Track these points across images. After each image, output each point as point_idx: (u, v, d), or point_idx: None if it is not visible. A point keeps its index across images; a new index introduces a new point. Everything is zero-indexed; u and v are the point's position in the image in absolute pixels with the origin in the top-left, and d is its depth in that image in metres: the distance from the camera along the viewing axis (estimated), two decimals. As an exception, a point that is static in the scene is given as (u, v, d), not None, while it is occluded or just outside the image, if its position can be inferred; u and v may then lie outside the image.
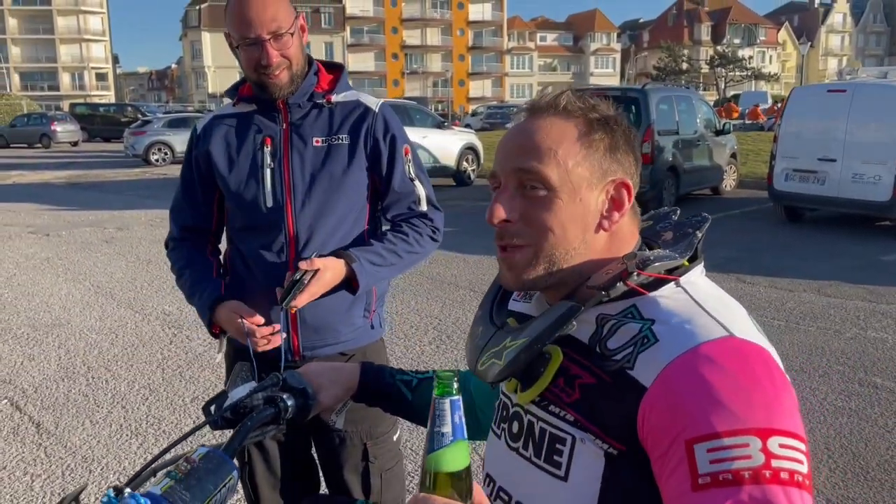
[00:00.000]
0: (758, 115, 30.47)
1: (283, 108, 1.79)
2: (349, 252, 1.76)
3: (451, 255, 7.92)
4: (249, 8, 1.66)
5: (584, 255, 0.98)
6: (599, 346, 0.92)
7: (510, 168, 0.97)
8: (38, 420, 3.90)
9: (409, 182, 1.88)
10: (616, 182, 0.98)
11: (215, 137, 1.84)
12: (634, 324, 0.91)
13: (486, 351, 1.04)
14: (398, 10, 79.91)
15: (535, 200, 0.96)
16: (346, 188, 1.81)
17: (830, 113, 8.99)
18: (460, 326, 5.44)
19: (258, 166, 1.79)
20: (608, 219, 0.98)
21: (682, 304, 0.91)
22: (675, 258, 0.95)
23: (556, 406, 0.94)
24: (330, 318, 1.81)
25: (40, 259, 8.09)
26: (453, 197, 13.19)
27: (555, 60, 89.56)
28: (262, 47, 1.67)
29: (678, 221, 1.08)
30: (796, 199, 9.47)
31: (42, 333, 5.40)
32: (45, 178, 17.98)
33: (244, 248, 1.84)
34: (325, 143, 1.79)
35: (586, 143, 0.96)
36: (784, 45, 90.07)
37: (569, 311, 0.94)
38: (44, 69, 73.66)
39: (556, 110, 0.98)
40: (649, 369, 0.85)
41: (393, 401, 1.30)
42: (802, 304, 5.96)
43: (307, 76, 1.80)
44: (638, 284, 0.93)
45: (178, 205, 1.94)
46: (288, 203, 1.78)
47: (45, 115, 33.92)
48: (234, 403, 1.17)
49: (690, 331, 0.86)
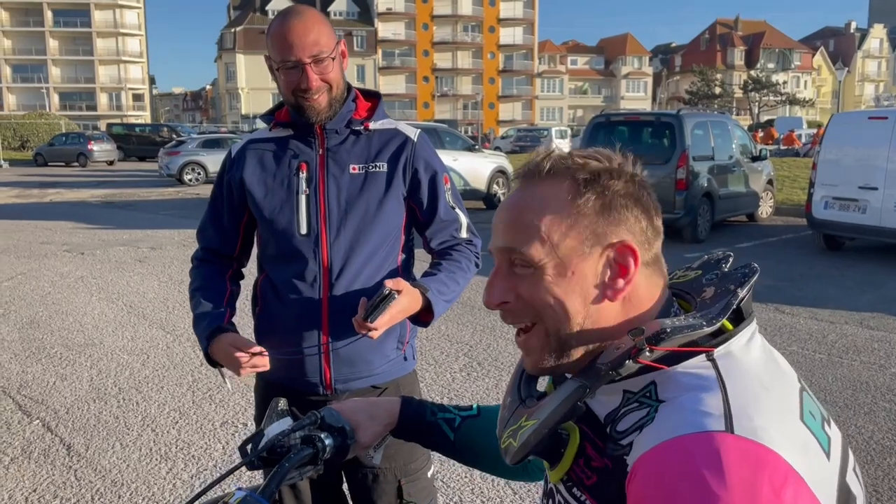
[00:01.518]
0: (793, 140, 30.09)
1: (320, 134, 1.77)
2: (421, 282, 1.73)
3: (482, 280, 7.75)
4: (291, 31, 1.64)
5: (598, 327, 0.87)
6: (610, 428, 0.84)
7: (497, 247, 0.92)
8: (69, 442, 3.89)
9: (452, 210, 1.87)
10: (615, 246, 0.87)
11: (249, 162, 1.81)
12: (648, 405, 0.81)
13: (508, 427, 0.96)
14: (430, 34, 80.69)
15: (526, 278, 0.89)
16: (381, 217, 1.77)
17: (871, 140, 8.79)
18: (491, 353, 5.36)
19: (293, 192, 1.76)
20: (611, 287, 0.87)
21: (699, 384, 0.79)
22: (699, 327, 0.81)
23: (578, 489, 0.88)
24: (364, 350, 1.77)
25: (75, 278, 8.18)
26: (483, 220, 13.12)
27: (585, 84, 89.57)
28: (303, 71, 1.66)
29: (724, 274, 0.94)
30: (836, 228, 9.25)
31: (75, 353, 5.43)
32: (82, 196, 18.30)
33: (276, 276, 1.80)
34: (362, 171, 1.77)
35: (573, 209, 0.86)
36: (819, 69, 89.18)
37: (576, 392, 0.85)
38: (82, 89, 75.43)
39: (541, 176, 0.90)
40: (635, 454, 0.78)
41: (434, 439, 1.23)
42: (845, 336, 5.78)
43: (345, 102, 1.77)
44: (659, 356, 0.81)
45: (205, 226, 1.92)
46: (322, 231, 1.75)
47: (82, 135, 34.62)
48: (270, 443, 1.13)
49: (683, 418, 0.75)
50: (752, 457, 0.70)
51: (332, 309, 1.76)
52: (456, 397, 4.50)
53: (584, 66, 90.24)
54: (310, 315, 1.73)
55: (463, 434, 1.22)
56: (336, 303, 1.75)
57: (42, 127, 41.69)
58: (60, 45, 74.53)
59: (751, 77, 64.22)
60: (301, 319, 1.74)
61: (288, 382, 1.81)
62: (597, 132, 11.33)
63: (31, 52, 72.79)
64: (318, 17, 1.69)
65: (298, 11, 1.68)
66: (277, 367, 1.77)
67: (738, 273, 0.91)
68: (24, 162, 34.11)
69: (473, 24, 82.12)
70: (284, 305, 1.78)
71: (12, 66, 72.71)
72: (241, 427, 4.05)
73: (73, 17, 73.94)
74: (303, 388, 1.79)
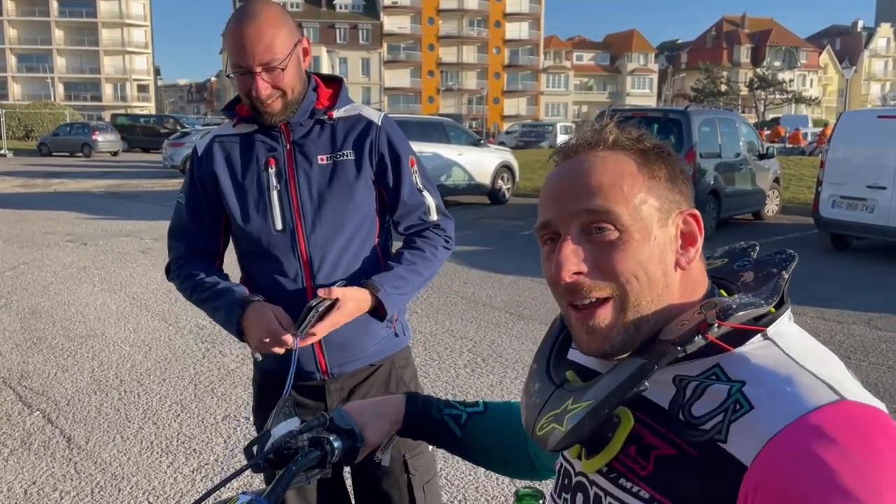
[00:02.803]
0: (799, 139, 29.98)
1: (285, 128, 1.75)
2: (371, 281, 1.72)
3: (487, 275, 7.81)
4: (243, 37, 1.60)
5: (668, 300, 0.85)
6: (682, 413, 0.79)
7: (570, 212, 0.85)
8: (69, 434, 3.85)
9: (418, 193, 1.86)
10: (684, 214, 0.87)
11: (218, 159, 1.78)
12: (720, 385, 0.78)
13: (544, 413, 0.90)
14: (435, 28, 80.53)
15: (605, 245, 0.83)
16: (354, 204, 1.78)
17: (881, 139, 8.72)
18: (496, 349, 5.32)
19: (264, 189, 1.74)
20: (684, 255, 0.86)
21: (775, 361, 0.77)
22: (761, 305, 0.81)
23: (627, 480, 0.82)
24: (353, 333, 1.77)
25: (77, 268, 8.15)
26: (488, 216, 13.11)
27: (591, 80, 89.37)
28: (253, 79, 1.62)
29: (759, 259, 0.94)
30: (843, 227, 9.19)
31: (77, 344, 5.39)
32: (86, 186, 18.29)
33: (257, 273, 1.79)
34: (330, 161, 1.76)
35: (647, 174, 0.86)
36: (825, 68, 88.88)
37: (640, 370, 0.80)
38: (87, 80, 75.40)
39: (605, 145, 0.87)
40: (747, 443, 0.72)
41: (440, 436, 1.19)
42: (852, 336, 5.73)
43: (306, 94, 1.75)
44: (719, 337, 0.79)
45: (184, 227, 1.85)
46: (298, 225, 1.74)
47: (87, 125, 34.67)
48: (277, 445, 1.09)
49: (792, 395, 0.73)
50: (873, 417, 0.72)
51: None
52: (460, 393, 4.46)
53: (589, 62, 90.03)
54: (295, 308, 1.69)
55: (470, 431, 1.19)
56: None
57: (47, 117, 41.73)
58: (66, 36, 74.50)
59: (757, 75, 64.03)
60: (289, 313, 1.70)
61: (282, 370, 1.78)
62: (603, 128, 11.28)
63: (37, 42, 72.78)
64: (274, 20, 1.62)
65: (252, 13, 1.62)
66: (273, 360, 1.76)
67: (776, 258, 0.91)
68: (28, 152, 34.12)
69: (479, 18, 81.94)
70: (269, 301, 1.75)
71: (17, 55, 72.72)
72: (243, 421, 4.01)
73: (78, 8, 73.89)
74: (300, 376, 1.78)
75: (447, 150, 13.82)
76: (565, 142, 0.92)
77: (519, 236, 10.87)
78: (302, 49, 1.70)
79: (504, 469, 1.25)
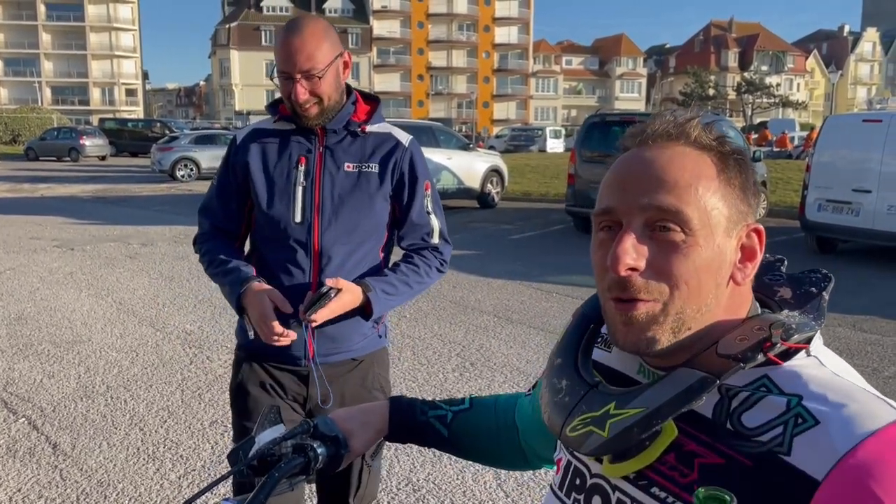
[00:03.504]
0: (786, 142, 30.18)
1: (321, 132, 1.91)
2: (366, 281, 1.87)
3: (475, 279, 7.82)
4: (288, 44, 1.77)
5: (714, 313, 0.82)
6: (731, 423, 0.77)
7: (638, 204, 0.80)
8: (55, 441, 3.83)
9: (426, 215, 2.02)
10: (749, 228, 0.84)
11: (253, 150, 1.94)
12: (776, 398, 0.76)
13: (576, 414, 0.86)
14: (425, 32, 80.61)
15: (668, 245, 0.79)
16: (370, 212, 1.92)
17: (865, 143, 8.79)
18: (484, 354, 5.33)
19: (291, 183, 1.89)
20: (742, 270, 0.83)
21: (827, 379, 0.77)
22: (814, 329, 0.81)
23: (661, 489, 0.79)
24: (344, 328, 1.91)
25: (64, 273, 8.10)
26: (477, 219, 13.12)
27: (580, 84, 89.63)
28: (293, 83, 1.79)
29: (793, 276, 0.92)
30: (829, 230, 9.25)
31: (63, 350, 5.36)
32: (73, 191, 18.18)
33: (270, 257, 1.93)
34: (356, 169, 1.91)
35: (724, 180, 0.82)
36: (812, 72, 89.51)
37: (700, 384, 0.78)
38: (75, 84, 74.97)
39: (687, 140, 0.83)
40: (817, 457, 0.71)
41: (428, 438, 1.19)
42: (838, 339, 5.77)
43: (345, 105, 1.91)
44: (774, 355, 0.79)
45: (212, 206, 2.01)
46: (315, 220, 1.88)
47: (74, 129, 34.41)
48: (261, 451, 1.09)
49: (859, 412, 0.72)
50: None
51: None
52: (448, 397, 4.46)
53: (578, 67, 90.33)
54: (298, 295, 1.83)
55: (456, 429, 1.19)
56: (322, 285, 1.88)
57: (34, 121, 41.42)
58: (53, 40, 74.09)
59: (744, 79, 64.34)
60: (291, 297, 1.84)
61: (270, 352, 1.91)
62: (592, 132, 11.32)
63: (24, 46, 72.32)
64: (318, 33, 1.79)
65: (299, 27, 1.79)
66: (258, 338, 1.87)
67: (812, 277, 0.90)
68: (15, 156, 33.87)
69: (468, 23, 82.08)
70: (273, 283, 1.88)
71: (4, 59, 72.23)
72: (230, 427, 3.98)
73: (66, 12, 73.54)
74: (285, 360, 1.93)
75: (437, 154, 13.82)
76: (641, 127, 0.86)
77: (508, 240, 10.89)
78: (342, 62, 1.87)
79: (495, 462, 1.24)
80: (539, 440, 1.14)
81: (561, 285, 7.54)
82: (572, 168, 11.47)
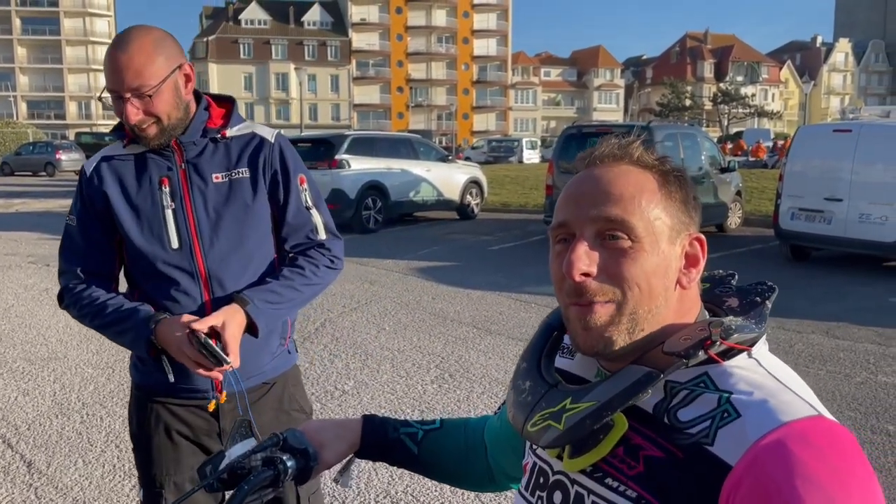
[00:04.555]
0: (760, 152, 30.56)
1: (177, 147, 1.75)
2: (242, 296, 1.71)
3: (454, 291, 7.84)
4: (115, 60, 1.60)
5: (664, 315, 0.90)
6: (668, 417, 0.85)
7: (588, 216, 0.89)
8: (29, 459, 3.79)
9: (306, 211, 1.86)
10: (692, 237, 0.93)
11: (108, 179, 1.76)
12: (710, 395, 0.84)
13: (537, 410, 0.94)
14: (404, 44, 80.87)
15: (617, 252, 0.88)
16: (252, 221, 1.79)
17: (836, 153, 8.95)
18: (463, 365, 5.35)
19: (158, 208, 1.73)
20: (686, 275, 0.91)
21: (759, 378, 0.84)
22: (754, 330, 0.88)
23: (614, 479, 0.86)
24: (252, 351, 1.76)
25: (39, 290, 8.02)
26: (456, 231, 13.16)
27: (559, 95, 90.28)
28: (123, 104, 1.62)
29: (741, 287, 1.01)
30: (802, 239, 9.39)
31: (38, 367, 5.31)
32: (49, 206, 17.99)
33: (153, 291, 1.76)
34: (225, 179, 1.77)
35: (665, 194, 0.91)
36: (786, 83, 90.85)
37: (646, 377, 0.85)
38: (51, 98, 74.36)
39: (630, 160, 0.92)
40: (733, 446, 0.78)
41: (398, 455, 1.22)
42: (811, 346, 5.86)
43: (196, 114, 1.76)
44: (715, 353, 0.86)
45: (76, 249, 1.80)
46: (195, 242, 1.74)
47: (50, 144, 34.13)
48: (230, 464, 1.11)
49: (776, 407, 0.80)
50: (845, 435, 0.79)
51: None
52: (427, 409, 4.48)
53: (557, 78, 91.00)
54: None
55: (426, 447, 1.22)
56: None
57: (9, 136, 40.95)
58: (29, 53, 73.47)
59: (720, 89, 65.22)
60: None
61: (170, 390, 1.77)
62: (569, 143, 11.43)
63: (-1, 60, 71.66)
64: (147, 47, 1.62)
65: (126, 40, 1.62)
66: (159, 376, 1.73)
67: (758, 288, 0.98)
68: (-11, 171, 33.47)
69: (447, 35, 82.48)
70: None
71: (-21, 74, 71.48)
72: (207, 442, 3.98)
73: (41, 25, 73.02)
74: (190, 395, 1.77)
75: (415, 166, 13.88)
76: (590, 151, 0.96)
77: (487, 251, 10.93)
78: (183, 75, 1.70)
79: (463, 483, 1.28)
80: (507, 457, 1.18)
81: (540, 295, 7.59)
82: (550, 179, 11.56)
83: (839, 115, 11.42)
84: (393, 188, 13.21)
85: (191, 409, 1.79)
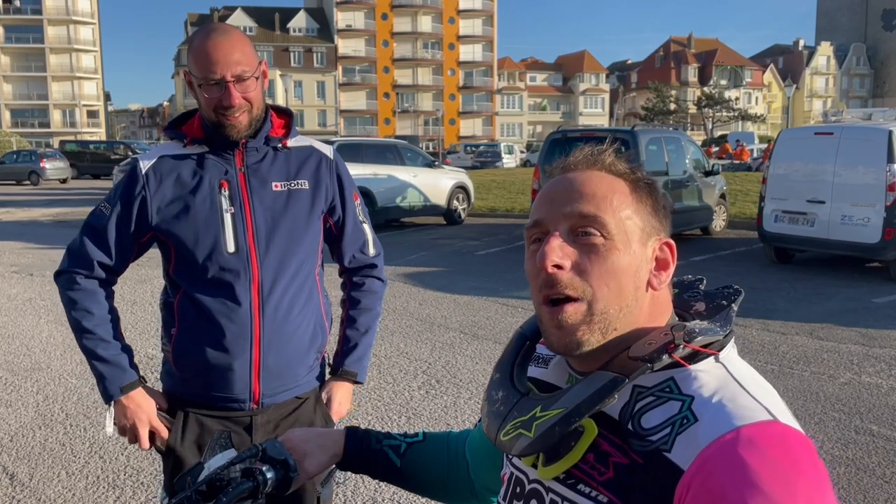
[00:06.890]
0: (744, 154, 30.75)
1: (239, 151, 1.77)
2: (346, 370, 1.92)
3: (441, 296, 7.84)
4: (216, 48, 1.64)
5: (634, 316, 0.92)
6: (632, 424, 0.86)
7: (562, 213, 0.92)
8: (12, 471, 3.76)
9: (361, 225, 1.95)
10: (662, 241, 0.95)
11: (166, 180, 1.76)
12: (674, 402, 0.85)
13: (509, 420, 0.95)
14: (390, 50, 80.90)
15: (589, 248, 0.90)
16: (306, 233, 1.82)
17: (818, 155, 9.03)
18: (450, 371, 5.35)
19: (217, 211, 1.74)
20: (657, 277, 0.93)
21: (722, 382, 0.86)
22: (717, 333, 0.89)
23: (585, 485, 0.88)
24: (293, 361, 1.81)
25: (22, 300, 7.95)
26: (444, 236, 13.16)
27: (544, 100, 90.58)
28: (226, 88, 1.65)
29: (708, 292, 1.03)
30: (786, 241, 9.47)
31: (21, 378, 5.26)
32: (33, 215, 17.85)
33: (201, 295, 1.75)
34: (284, 188, 1.79)
35: (636, 198, 0.94)
36: (770, 86, 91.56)
37: (611, 383, 0.87)
38: (35, 106, 73.73)
39: (602, 166, 0.96)
40: (687, 451, 0.80)
41: (380, 467, 1.22)
42: (795, 347, 5.90)
43: (265, 120, 1.79)
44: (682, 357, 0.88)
45: (104, 237, 1.78)
46: (252, 248, 1.75)
47: (34, 153, 33.83)
48: (209, 476, 1.10)
49: (732, 412, 0.81)
50: (799, 439, 0.80)
51: (265, 323, 1.76)
52: (414, 415, 4.47)
53: (542, 83, 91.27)
54: (242, 331, 1.72)
55: (409, 459, 1.22)
56: (268, 317, 1.76)
57: (-8, 145, 40.65)
58: (12, 62, 72.86)
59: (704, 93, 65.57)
60: (233, 336, 1.73)
61: (207, 399, 1.78)
62: (554, 148, 11.47)
63: (-19, 69, 71.06)
64: (242, 36, 1.70)
65: (224, 29, 1.69)
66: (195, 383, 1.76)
67: (725, 292, 1.00)
68: (-28, 181, 33.16)
69: (433, 41, 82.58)
70: (211, 323, 1.74)
71: (-39, 82, 70.86)
72: (192, 451, 3.95)
73: (25, 33, 72.42)
74: (224, 404, 1.77)
75: (402, 171, 13.88)
76: (564, 159, 1.00)
77: (474, 256, 10.94)
78: (262, 70, 1.74)
79: (444, 496, 1.27)
80: (487, 471, 1.18)
81: (527, 300, 7.59)
82: (536, 184, 11.60)
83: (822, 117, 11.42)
84: (380, 194, 13.20)
85: (223, 420, 1.79)
